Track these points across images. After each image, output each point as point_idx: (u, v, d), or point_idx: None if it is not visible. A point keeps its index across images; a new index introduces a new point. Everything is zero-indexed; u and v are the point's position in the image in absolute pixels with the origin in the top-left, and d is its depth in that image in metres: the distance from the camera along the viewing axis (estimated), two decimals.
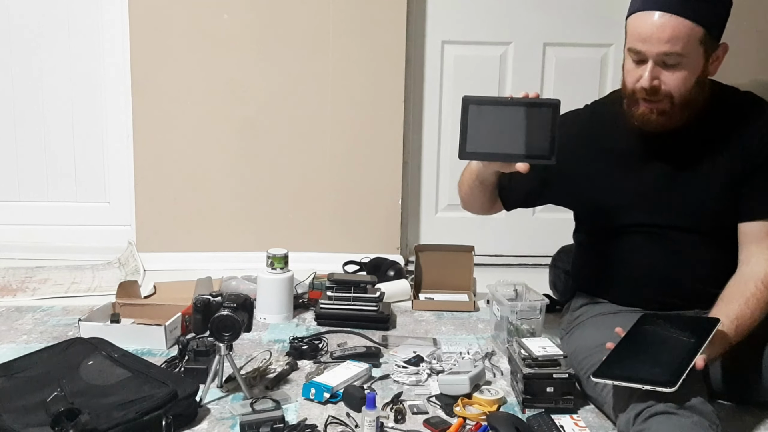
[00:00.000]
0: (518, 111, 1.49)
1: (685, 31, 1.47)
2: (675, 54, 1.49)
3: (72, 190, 3.08)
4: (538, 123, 1.48)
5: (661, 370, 1.34)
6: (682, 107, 1.55)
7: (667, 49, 1.48)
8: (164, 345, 1.93)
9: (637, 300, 1.72)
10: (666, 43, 1.48)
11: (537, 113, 1.48)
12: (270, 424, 1.45)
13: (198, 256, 2.83)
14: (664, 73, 1.52)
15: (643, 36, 1.50)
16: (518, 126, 1.49)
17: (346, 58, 2.83)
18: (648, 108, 1.56)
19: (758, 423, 1.57)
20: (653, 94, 1.53)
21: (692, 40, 1.48)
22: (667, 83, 1.52)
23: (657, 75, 1.52)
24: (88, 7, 2.94)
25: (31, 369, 1.63)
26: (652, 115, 1.56)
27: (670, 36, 1.47)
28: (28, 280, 2.61)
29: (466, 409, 1.59)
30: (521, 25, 2.96)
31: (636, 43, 1.52)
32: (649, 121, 1.58)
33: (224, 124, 2.85)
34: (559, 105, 1.48)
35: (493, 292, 2.03)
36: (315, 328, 2.14)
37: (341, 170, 2.90)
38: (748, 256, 1.60)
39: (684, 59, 1.50)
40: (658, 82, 1.52)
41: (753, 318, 1.52)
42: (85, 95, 3.01)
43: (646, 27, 1.50)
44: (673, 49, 1.48)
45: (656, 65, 1.51)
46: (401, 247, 2.97)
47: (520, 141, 1.49)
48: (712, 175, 1.62)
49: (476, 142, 1.52)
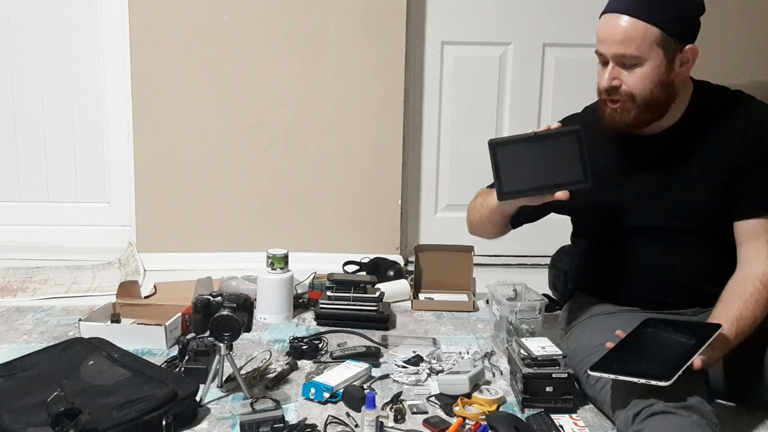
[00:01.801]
0: (544, 144, 1.54)
1: (639, 33, 1.51)
2: (628, 55, 1.52)
3: (72, 190, 3.08)
4: (565, 151, 1.54)
5: (657, 365, 1.35)
6: (645, 108, 1.57)
7: (621, 51, 1.52)
8: (164, 345, 1.93)
9: (636, 300, 1.72)
10: (620, 44, 1.52)
11: (562, 142, 1.54)
12: (270, 423, 1.45)
13: (198, 256, 2.83)
14: (623, 73, 1.55)
15: (600, 38, 1.56)
16: (548, 158, 1.54)
17: (346, 58, 2.83)
18: (612, 108, 1.60)
19: (758, 423, 1.58)
20: (613, 93, 1.57)
21: (647, 41, 1.51)
22: (626, 83, 1.56)
23: (616, 75, 1.56)
24: (88, 7, 2.95)
25: (31, 369, 1.63)
26: (616, 114, 1.59)
27: (623, 37, 1.51)
28: (29, 280, 2.61)
29: (465, 408, 1.59)
30: (521, 25, 2.96)
31: (598, 44, 1.58)
32: (614, 121, 1.60)
33: (224, 124, 2.86)
34: (581, 131, 1.53)
35: (493, 292, 2.03)
36: (315, 328, 2.14)
37: (341, 170, 2.90)
38: (747, 255, 1.60)
39: (641, 60, 1.53)
40: (618, 82, 1.56)
41: (753, 318, 1.52)
42: (85, 95, 3.01)
43: (604, 28, 1.56)
44: (627, 50, 1.52)
45: (616, 66, 1.55)
46: (401, 247, 2.97)
47: (554, 171, 1.55)
48: (705, 175, 1.62)
49: (511, 182, 1.55)
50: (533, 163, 1.55)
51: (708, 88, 1.67)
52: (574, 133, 1.53)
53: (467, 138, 3.00)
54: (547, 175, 1.54)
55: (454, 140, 3.02)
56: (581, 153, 1.52)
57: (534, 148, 1.55)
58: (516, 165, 1.55)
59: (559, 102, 2.96)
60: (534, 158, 1.55)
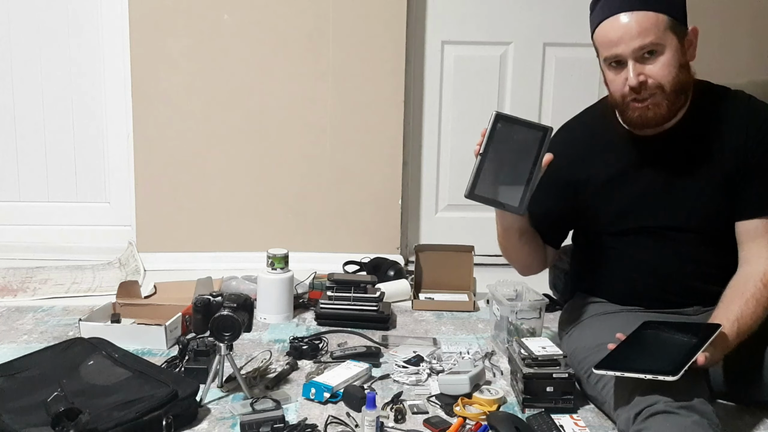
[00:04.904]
0: (502, 148, 1.56)
1: (651, 22, 1.51)
2: (649, 44, 1.52)
3: (72, 190, 3.08)
4: (525, 146, 1.55)
5: (662, 362, 1.35)
6: (675, 95, 1.56)
7: (640, 43, 1.52)
8: (164, 345, 1.93)
9: (637, 299, 1.72)
10: (638, 37, 1.51)
11: (524, 139, 1.56)
12: (270, 424, 1.45)
13: (198, 256, 2.83)
14: (647, 66, 1.54)
15: (614, 40, 1.54)
16: (513, 154, 1.56)
17: (346, 58, 2.83)
18: (642, 107, 1.57)
19: (758, 423, 1.57)
20: (642, 90, 1.55)
21: (660, 27, 1.52)
22: (652, 75, 1.54)
23: (641, 71, 1.54)
24: (88, 8, 2.95)
25: (31, 369, 1.63)
26: (649, 112, 1.57)
27: (638, 30, 1.51)
28: (29, 280, 2.61)
29: (466, 408, 1.59)
30: (521, 25, 2.96)
31: (611, 49, 1.55)
32: (647, 120, 1.58)
33: (224, 123, 2.86)
34: (500, 116, 1.55)
35: (493, 292, 2.03)
36: (315, 328, 2.14)
37: (341, 170, 2.90)
38: (748, 255, 1.60)
39: (659, 47, 1.52)
40: (644, 77, 1.54)
41: (754, 318, 1.52)
42: (85, 95, 3.01)
43: (615, 31, 1.54)
44: (646, 40, 1.51)
45: (637, 62, 1.54)
46: (401, 247, 2.97)
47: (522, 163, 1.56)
48: (707, 175, 1.62)
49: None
50: (510, 165, 1.56)
51: (709, 89, 1.67)
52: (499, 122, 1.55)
53: (467, 138, 2.98)
54: (522, 167, 1.55)
55: (454, 140, 3.02)
56: (522, 125, 1.56)
57: (497, 153, 1.56)
58: (498, 167, 1.56)
59: (559, 101, 2.97)
60: (506, 163, 1.57)
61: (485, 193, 1.55)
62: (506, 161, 1.56)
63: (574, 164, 1.72)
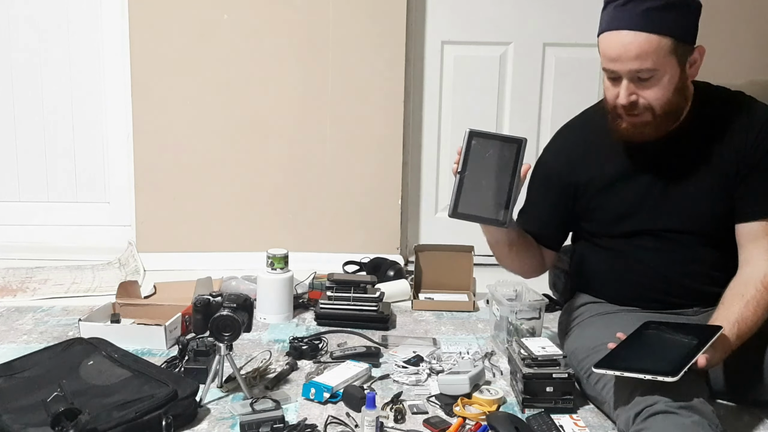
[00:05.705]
0: (479, 164, 1.57)
1: (653, 46, 1.48)
2: (646, 69, 1.50)
3: (72, 190, 3.08)
4: (502, 160, 1.57)
5: (662, 362, 1.35)
6: (665, 116, 1.56)
7: (637, 67, 1.49)
8: (164, 345, 1.93)
9: (637, 300, 1.72)
10: (635, 60, 1.49)
11: (500, 153, 1.57)
12: (270, 424, 1.45)
13: (198, 256, 2.83)
14: (641, 88, 1.53)
15: (612, 56, 1.52)
16: (491, 169, 1.57)
17: (346, 58, 2.83)
18: (630, 123, 1.58)
19: (758, 423, 1.57)
20: (633, 109, 1.55)
21: (661, 53, 1.48)
22: (645, 96, 1.53)
23: (633, 91, 1.53)
24: (88, 8, 2.95)
25: (31, 369, 1.63)
26: (636, 129, 1.58)
27: (637, 53, 1.48)
28: (29, 280, 2.61)
29: (465, 408, 1.59)
30: (521, 25, 2.96)
31: (608, 63, 1.54)
32: (633, 135, 1.59)
33: (224, 123, 2.85)
34: (473, 132, 1.57)
35: (493, 292, 2.03)
36: (315, 328, 2.14)
37: (341, 170, 2.90)
38: (748, 257, 1.60)
39: (657, 72, 1.50)
40: (636, 97, 1.53)
41: (754, 320, 1.51)
42: (85, 95, 3.01)
43: (614, 47, 1.51)
44: (643, 65, 1.49)
45: (631, 82, 1.52)
46: (401, 247, 2.97)
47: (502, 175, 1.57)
48: (707, 177, 1.62)
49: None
50: (490, 180, 1.57)
51: (709, 90, 1.67)
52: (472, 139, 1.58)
53: None
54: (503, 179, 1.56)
55: (454, 140, 3.02)
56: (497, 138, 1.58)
57: (478, 171, 1.57)
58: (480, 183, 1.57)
59: (559, 101, 2.96)
60: (489, 177, 1.57)
61: (468, 211, 1.56)
62: (485, 176, 1.57)
63: (575, 165, 1.72)
